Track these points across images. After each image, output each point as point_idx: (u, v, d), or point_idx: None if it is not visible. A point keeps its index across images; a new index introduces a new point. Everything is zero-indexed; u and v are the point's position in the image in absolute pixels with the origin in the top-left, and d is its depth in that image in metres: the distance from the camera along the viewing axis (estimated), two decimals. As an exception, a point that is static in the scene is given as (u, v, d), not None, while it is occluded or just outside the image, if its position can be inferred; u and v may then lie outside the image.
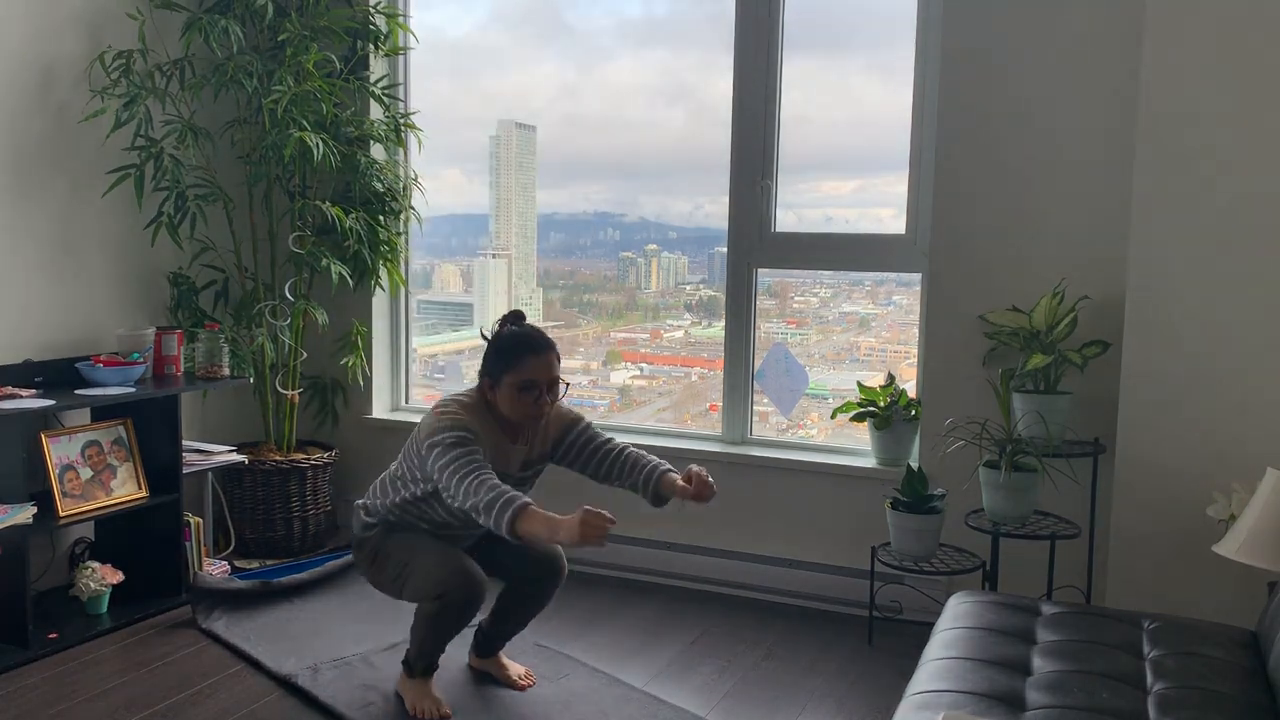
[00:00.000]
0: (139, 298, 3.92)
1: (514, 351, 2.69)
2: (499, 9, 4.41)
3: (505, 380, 2.68)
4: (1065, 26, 3.25)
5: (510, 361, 2.68)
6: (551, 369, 2.71)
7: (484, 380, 2.74)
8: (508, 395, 2.68)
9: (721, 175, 3.88)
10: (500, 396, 2.70)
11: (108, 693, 2.95)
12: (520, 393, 2.67)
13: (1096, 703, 2.01)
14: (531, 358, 2.68)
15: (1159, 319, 2.98)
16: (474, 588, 2.70)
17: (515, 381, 2.67)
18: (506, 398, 2.69)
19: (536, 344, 2.71)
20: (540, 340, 2.73)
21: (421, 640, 2.81)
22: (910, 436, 3.60)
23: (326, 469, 4.18)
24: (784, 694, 3.04)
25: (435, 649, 2.82)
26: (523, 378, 2.67)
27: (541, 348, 2.71)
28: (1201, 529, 2.90)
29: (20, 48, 3.46)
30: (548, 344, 2.73)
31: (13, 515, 3.09)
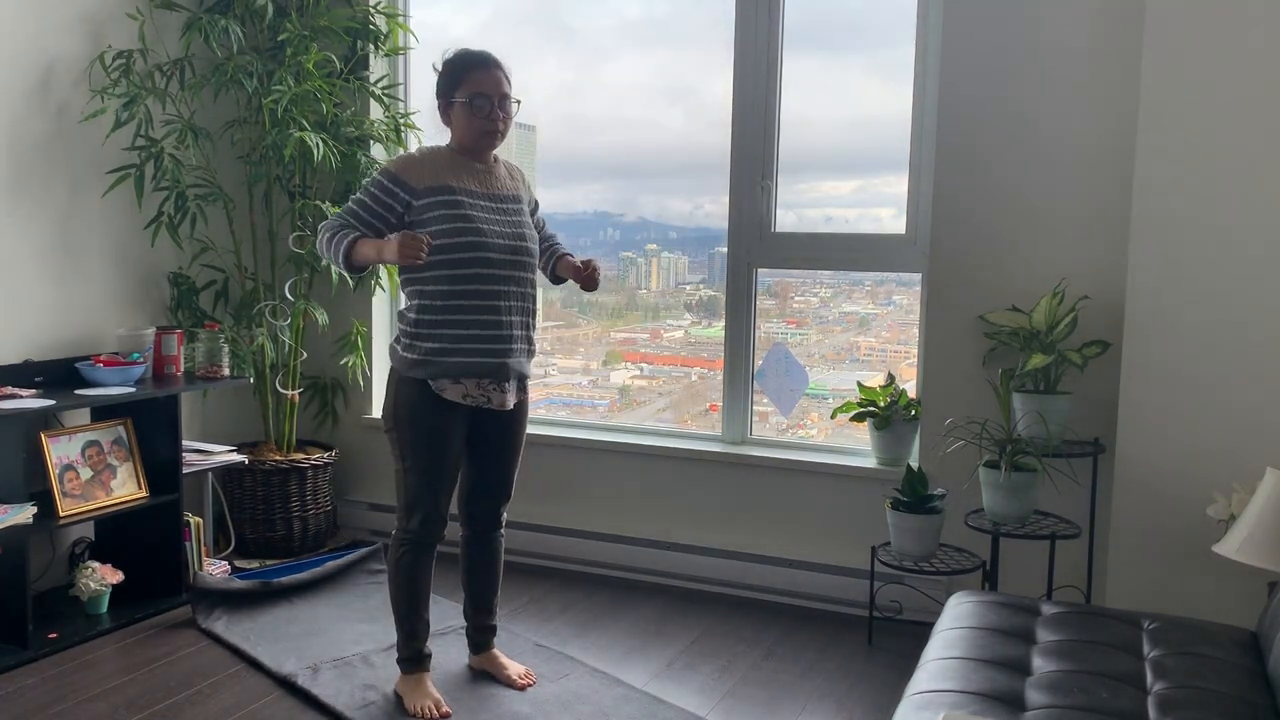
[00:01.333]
0: (139, 298, 3.92)
1: (464, 68, 2.74)
2: (499, 9, 4.41)
3: (457, 97, 2.72)
4: (1065, 27, 3.25)
5: (460, 77, 2.73)
6: (500, 84, 2.75)
7: (439, 104, 2.78)
8: (461, 114, 2.73)
9: (721, 175, 3.88)
10: (455, 119, 2.75)
11: (108, 693, 2.95)
12: (473, 108, 2.71)
13: (1096, 703, 2.01)
14: (479, 71, 2.73)
15: (1159, 319, 2.98)
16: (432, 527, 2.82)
17: (466, 94, 2.71)
18: (460, 117, 2.73)
19: (484, 58, 2.75)
20: (487, 56, 2.76)
21: (396, 600, 2.87)
22: (910, 436, 3.60)
23: (326, 469, 4.18)
24: (784, 694, 3.04)
25: (410, 613, 2.86)
26: (473, 90, 2.71)
27: (490, 64, 2.75)
28: (1201, 529, 2.90)
29: (20, 48, 3.46)
30: (496, 61, 2.76)
31: (13, 515, 3.09)
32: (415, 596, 2.87)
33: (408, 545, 2.84)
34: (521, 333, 2.81)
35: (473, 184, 2.75)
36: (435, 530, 2.83)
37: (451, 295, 2.70)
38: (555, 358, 4.52)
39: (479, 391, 2.77)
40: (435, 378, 2.73)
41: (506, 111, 2.76)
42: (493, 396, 2.79)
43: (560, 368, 4.51)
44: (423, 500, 2.80)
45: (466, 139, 2.75)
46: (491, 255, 2.71)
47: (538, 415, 4.30)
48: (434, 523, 2.82)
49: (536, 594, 3.79)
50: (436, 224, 2.68)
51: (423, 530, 2.82)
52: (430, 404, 2.75)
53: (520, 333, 2.81)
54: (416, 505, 2.81)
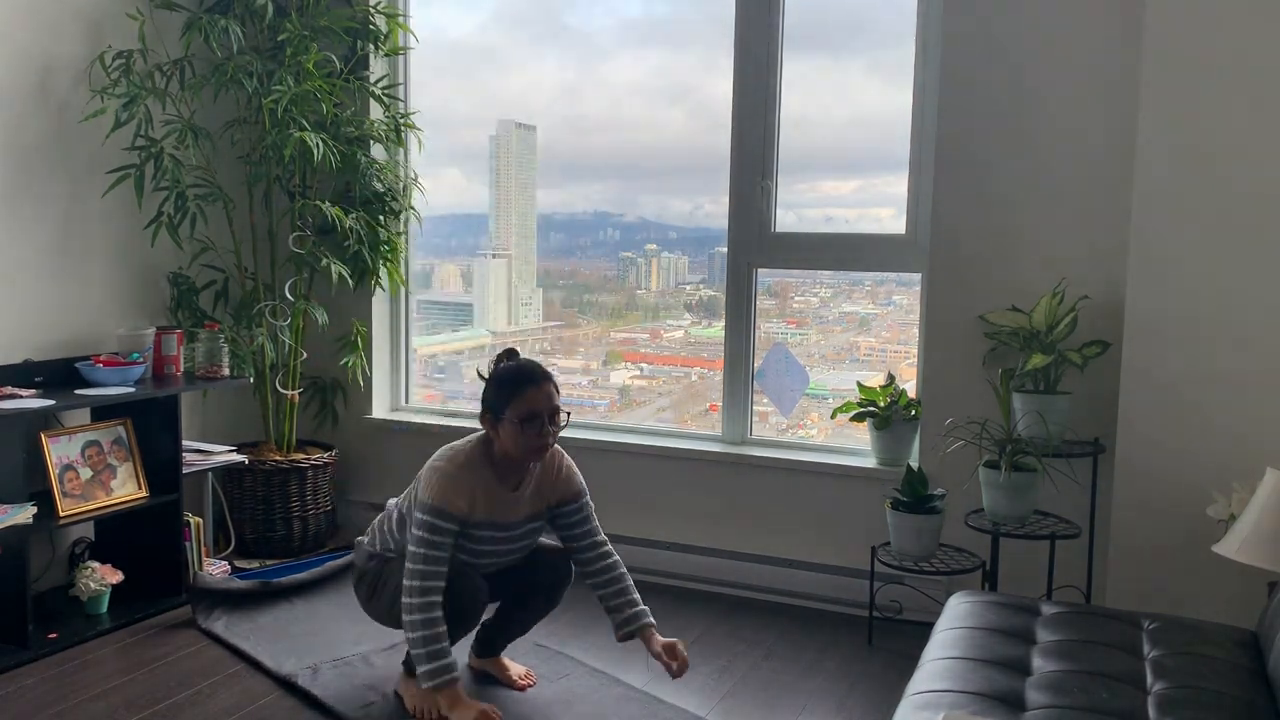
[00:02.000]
0: (139, 298, 3.92)
1: (514, 384, 2.70)
2: (499, 9, 4.42)
3: (507, 414, 2.69)
4: (1065, 27, 3.24)
5: (511, 394, 2.69)
6: (552, 398, 2.73)
7: (485, 417, 2.75)
8: (511, 430, 2.69)
9: (721, 175, 3.88)
10: (503, 432, 2.70)
11: (108, 693, 2.95)
12: (524, 425, 2.68)
13: (1096, 703, 2.01)
14: (532, 389, 2.69)
15: (1159, 319, 2.98)
16: (474, 593, 2.74)
17: (518, 414, 2.67)
18: (510, 433, 2.69)
19: (535, 375, 2.73)
20: (539, 371, 2.75)
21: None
22: (910, 436, 3.60)
23: (326, 469, 4.18)
24: (784, 694, 3.04)
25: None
26: (525, 409, 2.67)
27: (540, 378, 2.73)
28: (1201, 529, 2.90)
29: (20, 48, 3.46)
30: (546, 374, 2.75)
31: (13, 515, 3.09)
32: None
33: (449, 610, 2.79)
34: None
35: (499, 516, 2.76)
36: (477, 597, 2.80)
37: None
38: (555, 358, 4.52)
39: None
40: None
41: (556, 426, 2.74)
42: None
43: (560, 368, 4.51)
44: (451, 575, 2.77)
45: (514, 454, 2.72)
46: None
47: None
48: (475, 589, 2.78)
49: (536, 594, 3.79)
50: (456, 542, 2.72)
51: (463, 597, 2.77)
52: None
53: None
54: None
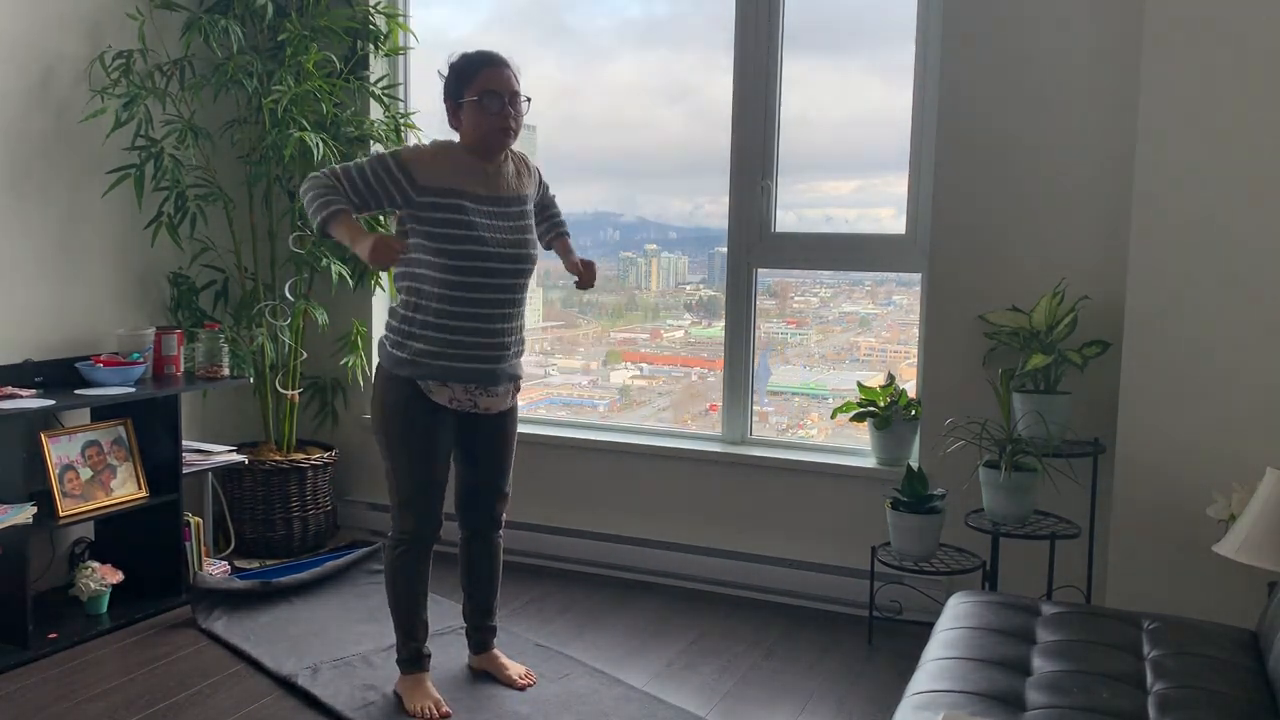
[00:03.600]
0: (139, 298, 3.92)
1: (471, 67, 2.70)
2: (499, 9, 4.42)
3: (466, 97, 2.68)
4: (1065, 27, 3.24)
5: (469, 76, 2.69)
6: (511, 81, 2.71)
7: (448, 108, 2.75)
8: (472, 113, 2.69)
9: (721, 175, 3.88)
10: (465, 118, 2.71)
11: (108, 693, 2.95)
12: (483, 105, 2.67)
13: (1096, 703, 2.01)
14: (489, 69, 2.69)
15: (1159, 319, 2.98)
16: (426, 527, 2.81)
17: (477, 93, 2.67)
18: (471, 116, 2.69)
19: (493, 57, 2.72)
20: (496, 54, 2.73)
21: (394, 600, 2.87)
22: (910, 436, 3.60)
23: (326, 469, 4.18)
24: (784, 694, 3.04)
25: (408, 614, 2.86)
26: (483, 87, 2.67)
27: (498, 60, 2.72)
28: (1201, 529, 2.90)
29: (20, 48, 3.46)
30: (504, 58, 2.73)
31: (13, 515, 3.09)
32: (413, 597, 2.86)
33: (403, 546, 2.83)
34: (515, 337, 2.81)
35: (480, 188, 2.72)
36: (430, 530, 2.83)
37: (446, 300, 2.69)
38: (555, 358, 4.52)
39: (466, 396, 2.76)
40: (422, 378, 2.72)
41: (518, 109, 2.72)
42: (479, 401, 2.78)
43: (560, 368, 4.51)
44: (414, 501, 2.79)
45: (477, 138, 2.72)
46: (491, 264, 2.69)
47: (537, 415, 4.31)
48: (428, 523, 2.82)
49: (536, 594, 3.79)
50: (439, 226, 2.66)
51: (417, 530, 2.81)
52: (418, 404, 2.74)
53: (513, 338, 2.80)
54: (408, 506, 2.80)
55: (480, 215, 2.70)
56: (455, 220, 2.67)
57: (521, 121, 2.76)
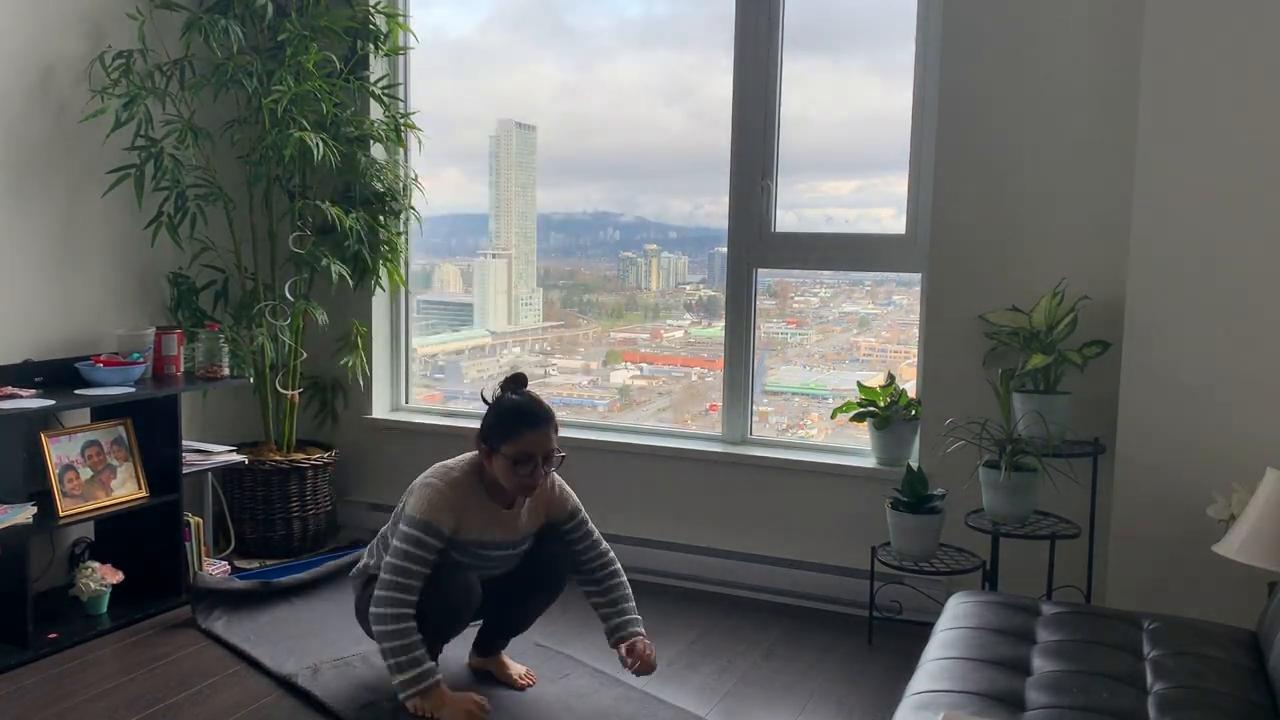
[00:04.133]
0: (139, 298, 3.92)
1: (513, 422, 2.72)
2: (499, 9, 4.42)
3: (502, 450, 2.71)
4: (1065, 27, 3.24)
5: (508, 432, 2.71)
6: (549, 442, 2.74)
7: (481, 446, 2.77)
8: (503, 466, 2.72)
9: (721, 175, 3.88)
10: (496, 465, 2.74)
11: (108, 693, 2.95)
12: (516, 465, 2.70)
13: (1096, 703, 2.01)
14: (529, 431, 2.71)
15: (1159, 319, 2.98)
16: (466, 592, 2.77)
17: (512, 453, 2.70)
18: (502, 468, 2.72)
19: (536, 417, 2.73)
20: (540, 412, 2.75)
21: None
22: (910, 436, 3.60)
23: (326, 469, 4.18)
24: (784, 694, 3.04)
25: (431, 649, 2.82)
26: (519, 450, 2.69)
27: (540, 420, 2.73)
28: (1201, 529, 2.90)
29: (20, 48, 3.46)
30: (546, 416, 2.75)
31: (13, 515, 3.09)
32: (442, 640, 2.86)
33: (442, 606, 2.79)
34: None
35: (496, 536, 2.80)
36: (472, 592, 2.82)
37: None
38: (555, 358, 4.52)
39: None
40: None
41: (549, 468, 2.76)
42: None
43: (560, 368, 4.51)
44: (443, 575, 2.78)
45: (506, 487, 2.76)
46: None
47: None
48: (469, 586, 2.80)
49: (536, 594, 3.79)
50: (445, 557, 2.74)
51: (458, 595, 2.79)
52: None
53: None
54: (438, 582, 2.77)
55: (495, 553, 2.82)
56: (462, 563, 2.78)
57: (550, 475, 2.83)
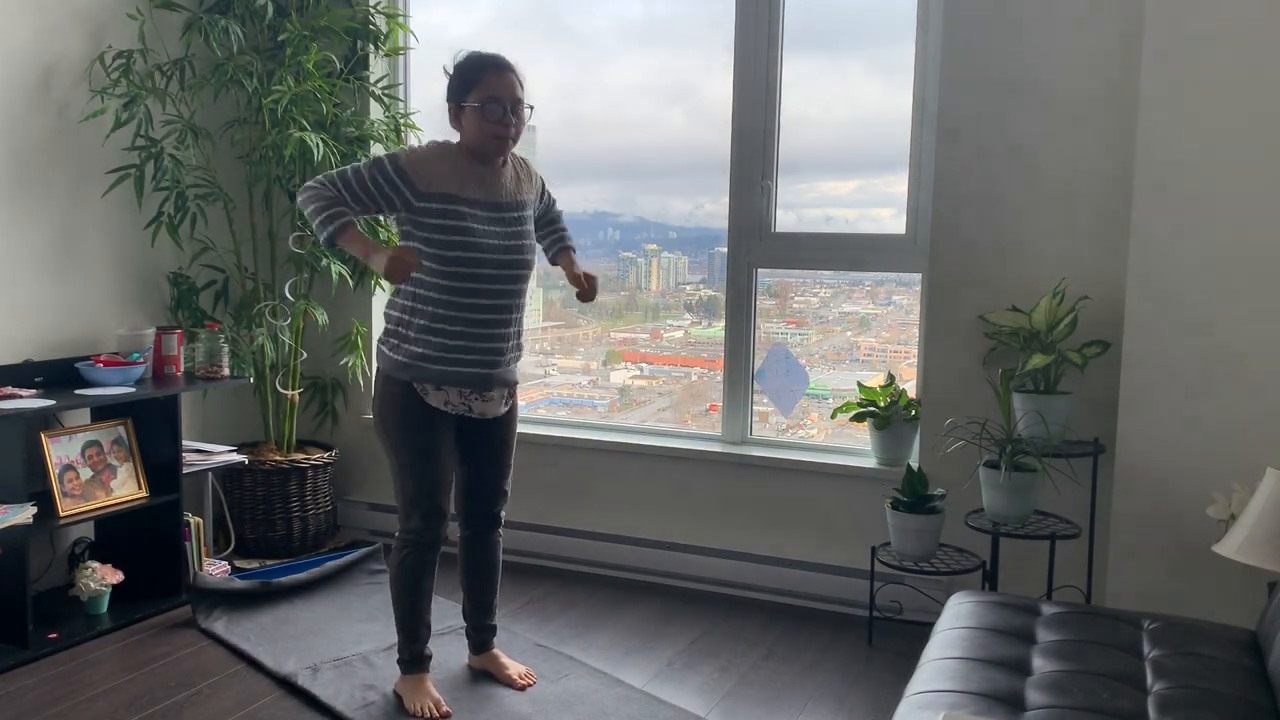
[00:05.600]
0: (139, 298, 3.92)
1: (475, 70, 2.70)
2: (499, 9, 4.42)
3: (469, 102, 2.68)
4: (1066, 27, 3.24)
5: (472, 82, 2.69)
6: (514, 88, 2.71)
7: (450, 109, 2.75)
8: (473, 118, 2.69)
9: (721, 175, 3.88)
10: (466, 122, 2.71)
11: (108, 693, 2.95)
12: (484, 111, 2.67)
13: (1096, 703, 2.01)
14: (493, 75, 2.69)
15: (1159, 319, 2.98)
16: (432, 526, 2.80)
17: (479, 99, 2.67)
18: (472, 121, 2.69)
19: (497, 62, 2.71)
20: (501, 59, 2.72)
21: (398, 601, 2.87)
22: (910, 436, 3.60)
23: (326, 469, 4.18)
24: (784, 694, 3.04)
25: (412, 614, 2.86)
26: (485, 94, 2.67)
27: (502, 65, 2.71)
28: (1201, 529, 2.90)
29: (20, 47, 3.46)
30: (509, 64, 2.72)
31: (13, 515, 3.09)
32: (417, 598, 2.87)
33: (410, 546, 2.83)
34: (512, 343, 2.81)
35: (478, 192, 2.72)
36: (436, 528, 2.82)
37: (442, 304, 2.69)
38: (555, 358, 4.52)
39: (460, 400, 2.77)
40: (418, 381, 2.72)
41: (519, 116, 2.72)
42: (474, 405, 2.79)
43: (560, 368, 4.51)
44: (418, 499, 2.79)
45: (477, 143, 2.72)
46: (488, 271, 2.69)
47: (538, 415, 4.31)
48: (433, 520, 2.81)
49: (536, 594, 3.79)
50: (435, 232, 2.66)
51: (423, 528, 2.81)
52: (416, 405, 2.74)
53: (511, 343, 2.81)
54: (413, 504, 2.80)
55: (477, 221, 2.70)
56: (453, 226, 2.66)
57: (522, 128, 2.76)
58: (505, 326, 2.77)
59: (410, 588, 2.85)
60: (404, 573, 2.85)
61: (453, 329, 2.70)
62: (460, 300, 2.69)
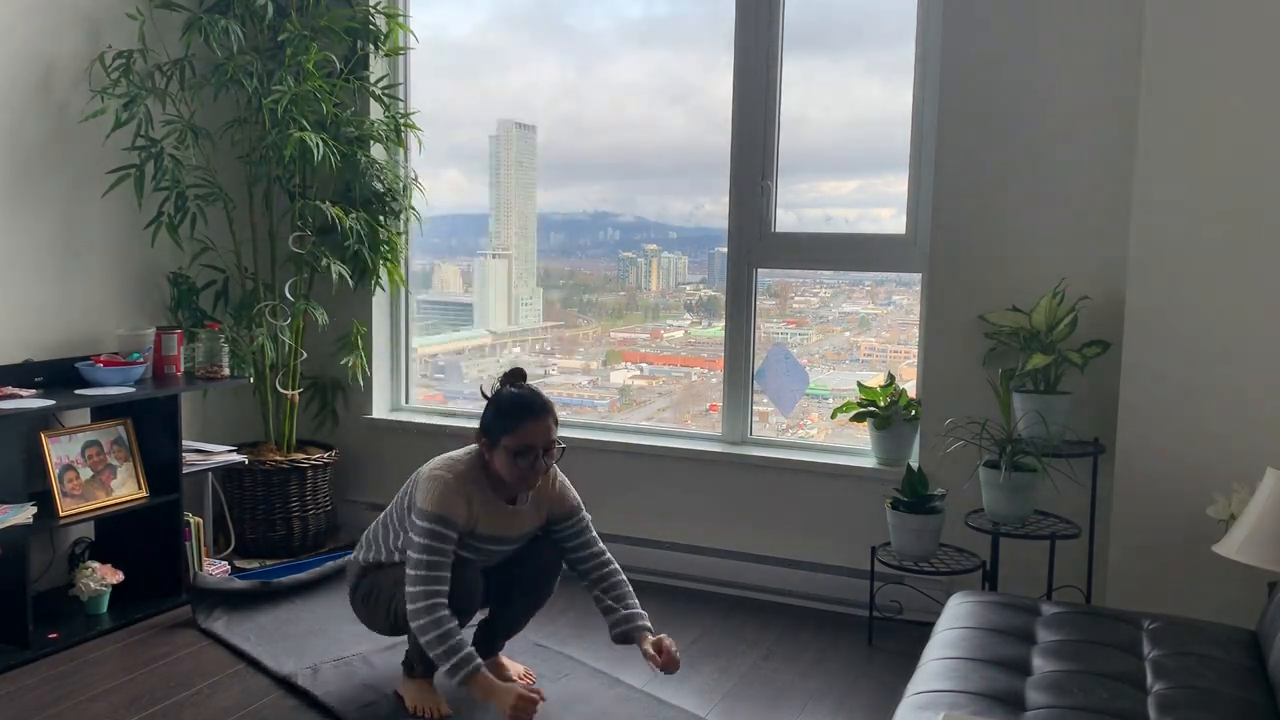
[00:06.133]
0: (139, 298, 3.92)
1: (513, 415, 2.72)
2: (499, 9, 4.42)
3: (503, 443, 2.71)
4: (1065, 27, 3.24)
5: (508, 425, 2.71)
6: (549, 433, 2.74)
7: (482, 440, 2.77)
8: (504, 459, 2.71)
9: (721, 175, 3.88)
10: (497, 458, 2.73)
11: (108, 693, 2.95)
12: (516, 457, 2.70)
13: (1096, 703, 2.01)
14: (530, 422, 2.70)
15: (1159, 319, 2.98)
16: (471, 585, 2.75)
17: (512, 445, 2.69)
18: (503, 461, 2.72)
19: (535, 408, 2.73)
20: (539, 404, 2.75)
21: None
22: (910, 436, 3.60)
23: (326, 469, 4.18)
24: (784, 694, 3.04)
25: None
26: (520, 442, 2.69)
27: (539, 411, 2.73)
28: (1201, 529, 2.90)
29: (20, 48, 3.46)
30: (546, 408, 2.75)
31: (13, 515, 3.09)
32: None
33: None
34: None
35: (489, 528, 2.79)
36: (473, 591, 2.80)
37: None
38: (555, 358, 4.52)
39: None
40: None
41: (550, 460, 2.76)
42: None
43: (560, 368, 4.51)
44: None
45: (506, 480, 2.75)
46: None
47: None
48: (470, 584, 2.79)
49: (536, 594, 3.79)
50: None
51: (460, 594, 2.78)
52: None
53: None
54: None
55: (476, 552, 2.80)
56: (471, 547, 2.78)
57: (552, 466, 2.81)
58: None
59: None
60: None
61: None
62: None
